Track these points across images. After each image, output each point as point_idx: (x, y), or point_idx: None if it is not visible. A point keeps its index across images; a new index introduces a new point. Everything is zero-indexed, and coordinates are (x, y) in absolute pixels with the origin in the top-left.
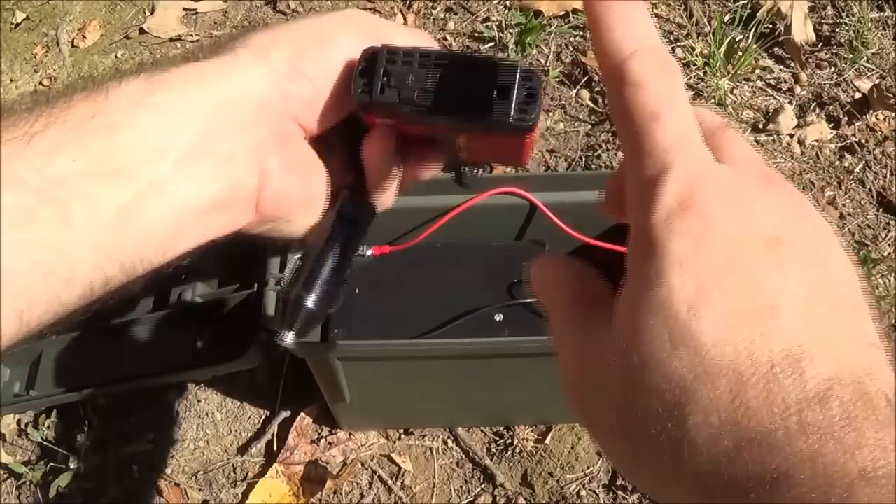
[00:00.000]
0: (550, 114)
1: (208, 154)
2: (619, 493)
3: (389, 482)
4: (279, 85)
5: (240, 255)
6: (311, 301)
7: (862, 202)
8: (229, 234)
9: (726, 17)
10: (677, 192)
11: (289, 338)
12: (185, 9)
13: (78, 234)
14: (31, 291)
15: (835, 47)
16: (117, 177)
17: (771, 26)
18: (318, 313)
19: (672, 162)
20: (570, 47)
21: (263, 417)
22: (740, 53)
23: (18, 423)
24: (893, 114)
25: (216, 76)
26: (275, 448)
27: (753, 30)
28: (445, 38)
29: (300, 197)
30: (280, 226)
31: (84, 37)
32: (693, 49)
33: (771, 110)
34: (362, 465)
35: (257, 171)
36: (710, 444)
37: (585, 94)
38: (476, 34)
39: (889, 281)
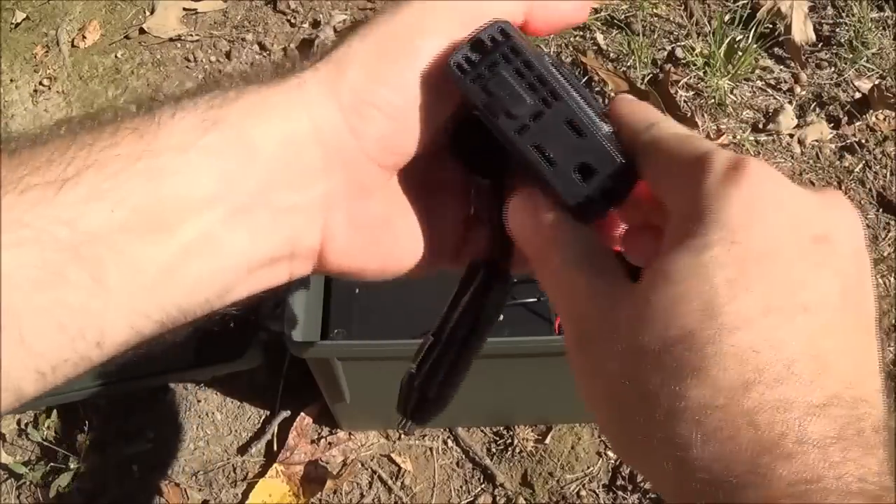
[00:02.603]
0: None
1: (265, 206)
2: (619, 493)
3: (389, 482)
4: (349, 122)
5: None
6: (433, 392)
7: (862, 202)
8: (277, 285)
9: (726, 17)
10: (728, 160)
11: (412, 428)
12: (185, 9)
13: (112, 296)
14: (57, 354)
15: (835, 47)
16: (161, 231)
17: (771, 26)
18: (443, 404)
19: (714, 147)
20: (570, 47)
21: (263, 417)
22: (740, 53)
23: (18, 423)
24: (893, 114)
25: (279, 112)
26: (275, 448)
27: (753, 30)
28: None
29: (371, 258)
30: (354, 278)
31: (84, 37)
32: (693, 49)
33: (771, 110)
34: (362, 465)
35: (320, 227)
36: (702, 418)
37: None
38: None
39: (889, 281)
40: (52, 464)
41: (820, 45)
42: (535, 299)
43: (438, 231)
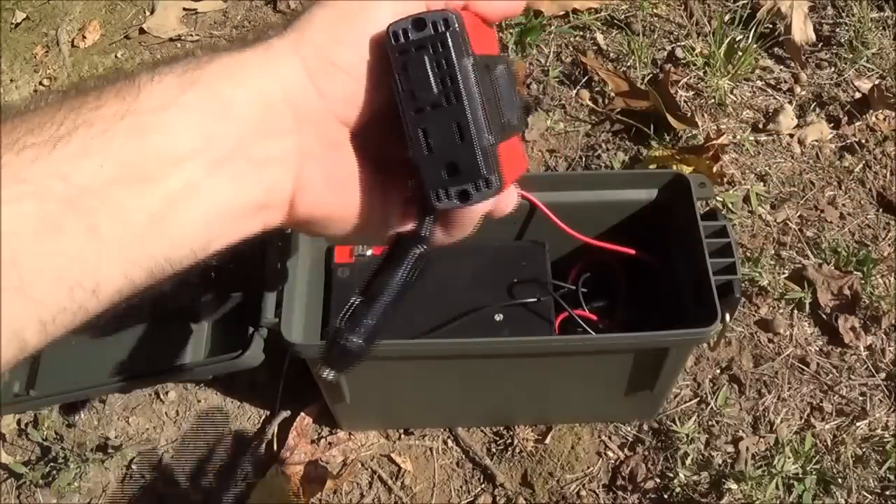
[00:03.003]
0: (550, 114)
1: (242, 158)
2: (619, 493)
3: (389, 482)
4: (316, 84)
5: (240, 256)
6: (356, 346)
7: (862, 202)
8: (258, 233)
9: (726, 17)
10: None
11: (331, 375)
12: (185, 9)
13: (106, 245)
14: (56, 303)
15: (835, 47)
16: (148, 182)
17: (771, 26)
18: (361, 354)
19: None
20: (570, 47)
21: (263, 417)
22: (740, 53)
23: (18, 423)
24: (893, 114)
25: (250, 74)
26: (275, 448)
27: (753, 30)
28: None
29: (341, 207)
30: (317, 229)
31: (84, 37)
32: (693, 49)
33: (771, 110)
34: (362, 465)
35: (293, 178)
36: None
37: (585, 94)
38: None
39: (889, 281)
40: (52, 464)
41: (820, 45)
42: (535, 299)
43: (390, 198)
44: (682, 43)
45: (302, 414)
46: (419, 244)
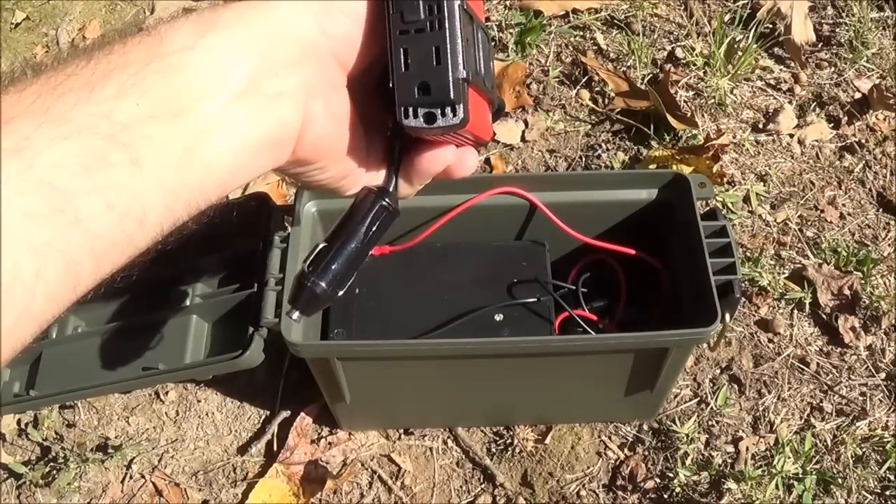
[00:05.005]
0: (550, 114)
1: (258, 93)
2: (619, 493)
3: (389, 482)
4: (319, 23)
5: (240, 255)
6: (320, 288)
7: (862, 202)
8: (265, 172)
9: (726, 17)
10: None
11: (296, 315)
12: (184, 9)
13: (148, 176)
14: (108, 235)
15: (835, 47)
16: (179, 118)
17: (771, 26)
18: (326, 298)
19: None
20: (570, 47)
21: (263, 417)
22: (740, 53)
23: (18, 423)
24: (893, 114)
25: (261, 15)
26: (275, 448)
27: (753, 30)
28: None
29: (338, 147)
30: (311, 171)
31: (84, 37)
32: (693, 49)
33: (771, 110)
34: (362, 465)
35: (301, 113)
36: None
37: (585, 94)
38: None
39: (889, 281)
40: (52, 464)
41: (820, 45)
42: (535, 299)
43: (371, 153)
44: (682, 43)
45: (302, 414)
46: (384, 197)
